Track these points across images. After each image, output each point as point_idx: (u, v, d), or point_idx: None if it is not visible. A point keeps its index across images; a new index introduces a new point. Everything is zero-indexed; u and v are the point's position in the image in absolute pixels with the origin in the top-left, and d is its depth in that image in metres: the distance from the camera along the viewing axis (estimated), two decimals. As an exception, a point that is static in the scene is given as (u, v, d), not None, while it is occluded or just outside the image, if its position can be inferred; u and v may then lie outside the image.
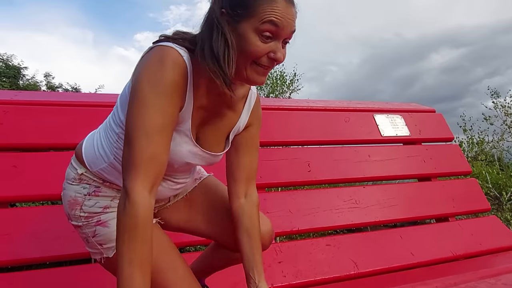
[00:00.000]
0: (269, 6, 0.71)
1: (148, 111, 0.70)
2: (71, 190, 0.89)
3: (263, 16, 0.71)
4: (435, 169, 2.13)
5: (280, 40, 0.75)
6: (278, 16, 0.71)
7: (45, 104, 1.65)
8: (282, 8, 0.72)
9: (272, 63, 0.76)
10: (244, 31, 0.73)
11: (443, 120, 2.40)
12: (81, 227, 0.87)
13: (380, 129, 2.15)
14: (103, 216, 0.86)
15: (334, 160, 1.93)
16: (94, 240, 0.86)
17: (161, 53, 0.73)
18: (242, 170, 0.96)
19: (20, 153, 1.52)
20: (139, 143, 0.70)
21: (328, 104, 2.20)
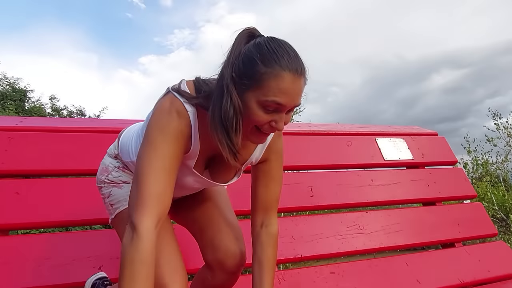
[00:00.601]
0: (276, 83, 0.72)
1: (156, 154, 0.78)
2: (107, 160, 1.08)
3: (268, 93, 0.73)
4: (440, 193, 2.10)
5: (283, 112, 0.77)
6: (283, 95, 0.73)
7: (49, 130, 1.66)
8: (289, 85, 0.73)
9: (273, 130, 0.80)
10: (249, 101, 0.75)
11: (445, 143, 2.40)
12: (101, 188, 1.05)
13: (383, 153, 2.15)
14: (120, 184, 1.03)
15: (337, 185, 1.91)
16: (108, 202, 1.03)
17: (170, 104, 0.81)
18: (259, 200, 0.99)
19: (23, 180, 1.53)
20: (147, 182, 0.77)
21: (330, 128, 2.21)
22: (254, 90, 0.74)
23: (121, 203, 1.00)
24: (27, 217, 1.41)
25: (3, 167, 1.49)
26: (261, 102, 0.74)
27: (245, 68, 0.74)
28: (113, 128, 1.74)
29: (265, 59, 0.72)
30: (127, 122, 1.84)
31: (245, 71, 0.74)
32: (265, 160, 0.99)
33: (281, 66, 0.72)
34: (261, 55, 0.73)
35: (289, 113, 0.79)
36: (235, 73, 0.75)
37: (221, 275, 1.02)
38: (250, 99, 0.75)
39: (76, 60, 30.86)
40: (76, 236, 1.47)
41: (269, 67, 0.72)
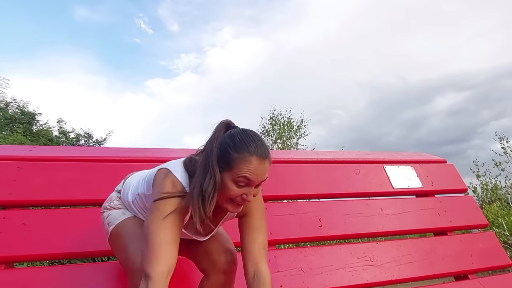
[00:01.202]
0: (245, 165, 0.92)
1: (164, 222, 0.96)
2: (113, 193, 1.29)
3: (238, 172, 0.93)
4: (451, 222, 2.06)
5: (252, 186, 0.96)
6: (251, 173, 0.93)
7: (57, 159, 1.67)
8: (255, 166, 0.93)
9: (244, 201, 0.98)
10: (224, 179, 0.95)
11: (455, 171, 2.37)
12: (103, 213, 1.24)
13: (392, 181, 2.12)
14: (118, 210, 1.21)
15: (345, 214, 1.88)
16: (106, 222, 1.21)
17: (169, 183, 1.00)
18: (247, 252, 1.09)
19: (30, 210, 1.52)
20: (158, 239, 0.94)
21: (337, 156, 2.19)
22: (229, 171, 0.94)
23: (116, 219, 1.18)
24: (33, 249, 1.39)
25: (11, 197, 1.49)
26: (234, 180, 0.93)
27: (222, 155, 0.95)
28: (120, 157, 1.74)
29: (236, 147, 0.93)
30: (133, 151, 1.85)
31: (222, 157, 0.95)
32: (244, 215, 1.12)
33: (249, 152, 0.93)
34: (234, 144, 0.94)
35: (257, 187, 0.99)
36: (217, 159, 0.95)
37: (216, 276, 1.14)
38: (226, 178, 0.94)
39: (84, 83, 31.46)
40: (81, 269, 1.45)
41: (240, 153, 0.93)
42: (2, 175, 1.54)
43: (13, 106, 13.44)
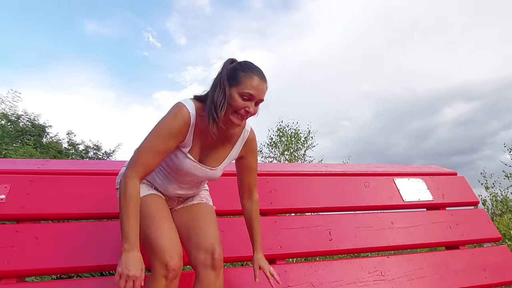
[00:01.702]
0: (249, 81, 1.17)
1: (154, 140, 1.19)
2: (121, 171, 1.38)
3: (243, 87, 1.16)
4: (463, 236, 2.03)
5: (253, 101, 1.19)
6: (253, 88, 1.17)
7: (69, 173, 1.69)
8: (257, 84, 1.18)
9: (247, 114, 1.19)
10: (233, 93, 1.17)
11: (466, 183, 2.34)
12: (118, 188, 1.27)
13: (402, 194, 2.11)
14: None
15: (356, 228, 1.87)
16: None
17: (176, 110, 1.20)
18: (244, 184, 1.44)
19: (42, 224, 1.54)
20: (142, 155, 1.18)
21: (347, 169, 2.19)
22: (236, 86, 1.17)
23: None
24: (44, 263, 1.40)
25: (23, 211, 1.51)
26: (240, 93, 1.16)
27: (231, 74, 1.19)
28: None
29: (243, 68, 1.19)
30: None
31: (231, 76, 1.19)
32: (243, 156, 1.39)
33: (253, 72, 1.18)
34: (241, 66, 1.20)
35: (257, 104, 1.21)
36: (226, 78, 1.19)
37: (205, 272, 1.21)
38: (234, 92, 1.17)
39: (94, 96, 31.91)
40: (90, 283, 1.45)
41: (245, 72, 1.18)
42: (15, 189, 1.56)
43: (24, 118, 13.65)
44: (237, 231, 1.65)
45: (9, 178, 1.59)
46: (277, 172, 1.99)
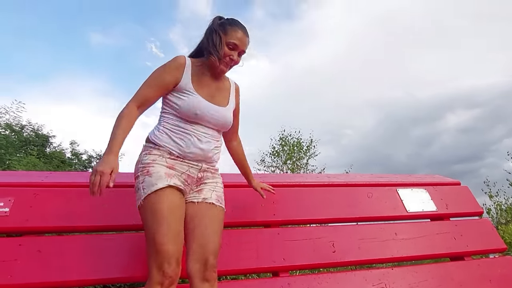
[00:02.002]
0: (235, 33, 1.41)
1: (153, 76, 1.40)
2: (138, 158, 1.39)
3: (229, 38, 1.41)
4: (467, 246, 2.01)
5: (236, 51, 1.43)
6: (238, 39, 1.41)
7: (73, 186, 1.70)
8: (241, 35, 1.42)
9: (231, 62, 1.44)
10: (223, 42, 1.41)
11: (469, 193, 2.33)
12: (138, 176, 1.31)
13: (405, 204, 2.10)
14: (151, 168, 1.31)
15: (359, 239, 1.86)
16: (141, 186, 1.28)
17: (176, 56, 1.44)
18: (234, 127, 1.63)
19: (45, 237, 1.54)
20: (141, 88, 1.39)
21: (349, 179, 2.18)
22: (224, 36, 1.40)
23: (150, 187, 1.26)
24: (47, 277, 1.40)
25: (27, 224, 1.51)
26: (227, 43, 1.40)
27: (220, 26, 1.42)
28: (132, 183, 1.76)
29: (230, 22, 1.44)
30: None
31: (220, 28, 1.42)
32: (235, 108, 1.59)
33: (238, 26, 1.43)
34: (228, 21, 1.45)
35: (240, 55, 1.46)
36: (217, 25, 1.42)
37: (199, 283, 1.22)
38: (223, 39, 1.40)
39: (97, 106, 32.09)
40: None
41: (232, 26, 1.42)
42: (18, 201, 1.56)
43: (28, 129, 13.75)
44: (238, 243, 1.65)
45: (13, 191, 1.59)
46: (280, 183, 1.99)
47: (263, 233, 1.76)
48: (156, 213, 1.22)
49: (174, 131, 1.39)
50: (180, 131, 1.39)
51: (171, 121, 1.41)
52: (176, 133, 1.39)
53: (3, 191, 1.58)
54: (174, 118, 1.40)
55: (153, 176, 1.28)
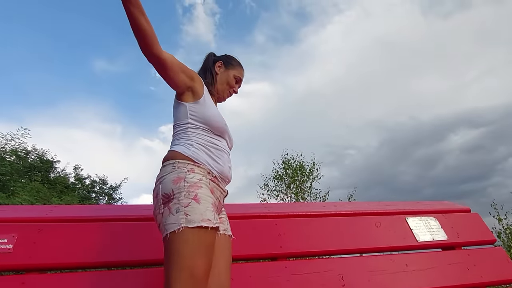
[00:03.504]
0: (241, 69, 1.59)
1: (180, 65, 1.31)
2: (173, 175, 1.17)
3: (236, 73, 1.56)
4: (482, 277, 1.95)
5: (238, 85, 1.59)
6: (242, 76, 1.59)
7: (77, 220, 1.68)
8: (243, 73, 1.60)
9: (233, 92, 1.59)
10: (230, 73, 1.55)
11: (480, 220, 2.28)
12: (179, 198, 1.10)
13: (415, 234, 2.05)
14: (199, 192, 1.13)
15: (369, 272, 1.80)
16: (184, 210, 1.08)
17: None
18: None
19: (49, 275, 1.50)
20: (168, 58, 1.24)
21: (356, 208, 2.15)
22: (232, 69, 1.55)
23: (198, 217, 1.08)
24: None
25: (30, 261, 1.49)
26: (234, 76, 1.55)
27: (227, 60, 1.57)
28: (140, 216, 1.74)
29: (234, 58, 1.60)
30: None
31: (226, 60, 1.57)
32: None
33: (241, 63, 1.61)
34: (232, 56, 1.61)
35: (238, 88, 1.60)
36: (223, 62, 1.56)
37: None
38: (231, 73, 1.55)
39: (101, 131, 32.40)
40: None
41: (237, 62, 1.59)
42: (22, 237, 1.54)
43: (32, 154, 13.82)
44: (244, 277, 1.60)
45: (17, 227, 1.57)
46: (286, 213, 1.96)
47: (270, 266, 1.72)
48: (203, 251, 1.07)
49: (208, 147, 1.28)
50: (214, 148, 1.30)
51: (201, 136, 1.29)
52: (210, 149, 1.28)
53: (6, 227, 1.56)
54: (203, 133, 1.30)
55: (201, 204, 1.11)
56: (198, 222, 1.07)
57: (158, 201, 1.14)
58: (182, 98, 1.33)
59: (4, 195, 8.18)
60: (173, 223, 1.07)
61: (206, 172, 1.23)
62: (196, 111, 1.31)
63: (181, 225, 1.06)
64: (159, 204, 1.14)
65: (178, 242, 1.05)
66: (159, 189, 1.16)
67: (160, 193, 1.15)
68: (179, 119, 1.33)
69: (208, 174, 1.23)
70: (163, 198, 1.13)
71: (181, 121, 1.32)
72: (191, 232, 1.06)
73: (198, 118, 1.30)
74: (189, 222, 1.06)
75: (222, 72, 1.52)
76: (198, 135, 1.29)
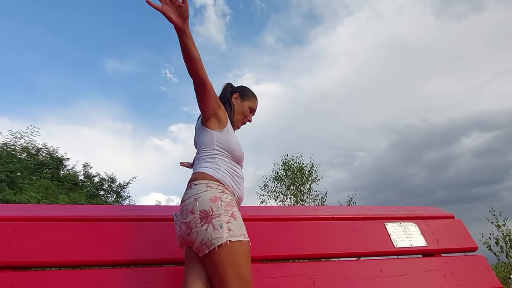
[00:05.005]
0: (255, 100, 1.75)
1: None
2: (209, 193, 1.31)
3: (251, 104, 1.72)
4: (459, 285, 1.93)
5: (252, 114, 1.75)
6: (256, 106, 1.75)
7: (54, 219, 1.72)
8: (257, 103, 1.76)
9: (247, 121, 1.74)
10: (245, 104, 1.70)
11: (463, 227, 2.26)
12: (220, 215, 1.25)
13: (393, 239, 2.04)
14: (234, 211, 1.31)
15: (342, 277, 1.80)
16: (226, 226, 1.24)
17: None
18: None
19: (22, 273, 1.55)
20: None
21: (336, 212, 2.15)
22: (248, 100, 1.71)
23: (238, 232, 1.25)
24: (19, 313, 1.40)
25: (4, 259, 1.53)
26: (249, 106, 1.71)
27: (243, 91, 1.73)
28: (119, 216, 1.77)
29: (250, 90, 1.76)
30: (131, 209, 1.89)
31: (243, 93, 1.72)
32: None
33: (255, 94, 1.76)
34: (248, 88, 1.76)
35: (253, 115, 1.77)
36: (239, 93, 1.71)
37: None
38: (246, 104, 1.71)
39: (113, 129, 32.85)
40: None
41: (252, 93, 1.75)
42: (-1, 235, 1.59)
43: (43, 152, 14.10)
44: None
45: (-5, 225, 1.62)
46: (262, 217, 1.97)
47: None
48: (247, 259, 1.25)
49: (231, 173, 1.45)
50: (235, 174, 1.47)
51: (226, 163, 1.46)
52: (233, 175, 1.45)
53: (-16, 226, 1.61)
54: (227, 160, 1.47)
55: (237, 221, 1.29)
56: (238, 237, 1.24)
57: (195, 216, 1.27)
58: (208, 125, 1.49)
59: (12, 191, 8.38)
60: (219, 237, 1.22)
61: (231, 194, 1.39)
62: (222, 140, 1.48)
63: (227, 239, 1.21)
64: (196, 219, 1.27)
65: (228, 254, 1.21)
66: (196, 205, 1.29)
67: (198, 209, 1.28)
68: (205, 145, 1.49)
69: (232, 196, 1.40)
70: (201, 214, 1.27)
71: (208, 147, 1.48)
72: (236, 245, 1.23)
73: (223, 146, 1.48)
74: (232, 237, 1.23)
75: (239, 103, 1.69)
76: (224, 161, 1.46)
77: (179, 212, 1.38)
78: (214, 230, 1.22)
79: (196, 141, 1.59)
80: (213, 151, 1.46)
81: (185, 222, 1.30)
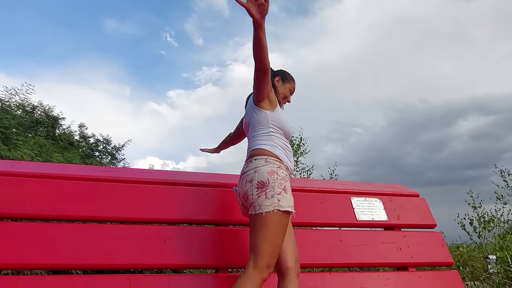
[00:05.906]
0: (294, 82, 1.89)
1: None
2: (267, 167, 1.51)
3: (290, 85, 1.87)
4: (412, 258, 2.08)
5: (291, 94, 1.89)
6: (294, 88, 1.90)
7: (35, 176, 1.82)
8: (295, 85, 1.90)
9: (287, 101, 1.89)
10: (286, 86, 1.86)
11: (425, 205, 2.39)
12: (274, 187, 1.44)
13: (356, 213, 2.17)
14: (287, 185, 1.51)
15: (304, 243, 1.94)
16: (277, 196, 1.43)
17: None
18: None
19: (1, 222, 1.67)
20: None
21: (305, 185, 2.26)
22: (288, 83, 1.86)
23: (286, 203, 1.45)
24: None
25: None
26: (289, 88, 1.87)
27: (284, 75, 1.87)
28: (94, 176, 1.87)
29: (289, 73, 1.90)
30: (110, 170, 1.98)
31: (286, 76, 1.88)
32: None
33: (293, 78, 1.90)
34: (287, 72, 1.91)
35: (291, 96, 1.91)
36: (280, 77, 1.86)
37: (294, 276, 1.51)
38: (287, 86, 1.86)
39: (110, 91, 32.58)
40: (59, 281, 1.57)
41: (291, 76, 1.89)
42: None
43: (39, 109, 14.05)
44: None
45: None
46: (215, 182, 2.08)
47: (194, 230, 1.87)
48: (284, 229, 1.44)
49: (285, 149, 1.63)
50: (287, 149, 1.65)
51: (279, 139, 1.63)
52: (286, 151, 1.64)
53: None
54: (281, 136, 1.65)
55: (288, 194, 1.49)
56: (286, 207, 1.43)
57: (253, 185, 1.48)
58: (262, 106, 1.65)
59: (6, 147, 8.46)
60: (269, 205, 1.41)
61: (285, 168, 1.57)
62: (275, 118, 1.65)
63: (275, 207, 1.40)
64: (253, 188, 1.47)
65: (270, 220, 1.40)
66: (255, 176, 1.49)
67: (256, 179, 1.48)
68: (260, 124, 1.66)
69: (286, 170, 1.57)
70: (258, 184, 1.47)
71: (263, 126, 1.65)
72: (280, 214, 1.41)
73: (277, 124, 1.65)
74: (280, 206, 1.41)
75: (280, 85, 1.85)
76: (278, 138, 1.63)
77: (239, 183, 1.59)
78: (265, 198, 1.42)
79: (248, 121, 1.75)
80: (269, 129, 1.63)
81: (244, 190, 1.51)
